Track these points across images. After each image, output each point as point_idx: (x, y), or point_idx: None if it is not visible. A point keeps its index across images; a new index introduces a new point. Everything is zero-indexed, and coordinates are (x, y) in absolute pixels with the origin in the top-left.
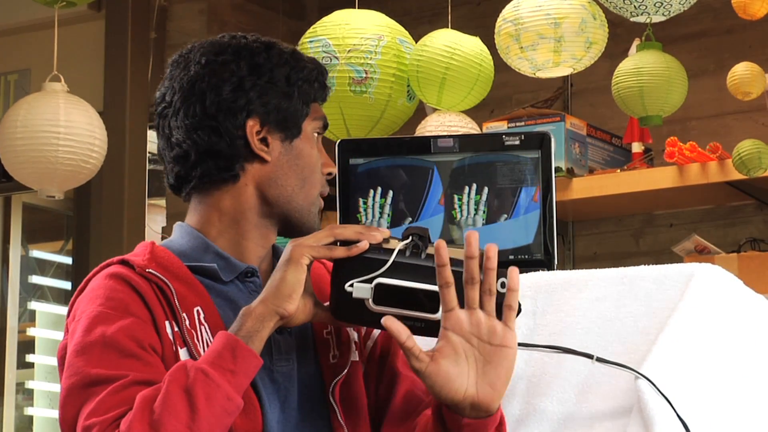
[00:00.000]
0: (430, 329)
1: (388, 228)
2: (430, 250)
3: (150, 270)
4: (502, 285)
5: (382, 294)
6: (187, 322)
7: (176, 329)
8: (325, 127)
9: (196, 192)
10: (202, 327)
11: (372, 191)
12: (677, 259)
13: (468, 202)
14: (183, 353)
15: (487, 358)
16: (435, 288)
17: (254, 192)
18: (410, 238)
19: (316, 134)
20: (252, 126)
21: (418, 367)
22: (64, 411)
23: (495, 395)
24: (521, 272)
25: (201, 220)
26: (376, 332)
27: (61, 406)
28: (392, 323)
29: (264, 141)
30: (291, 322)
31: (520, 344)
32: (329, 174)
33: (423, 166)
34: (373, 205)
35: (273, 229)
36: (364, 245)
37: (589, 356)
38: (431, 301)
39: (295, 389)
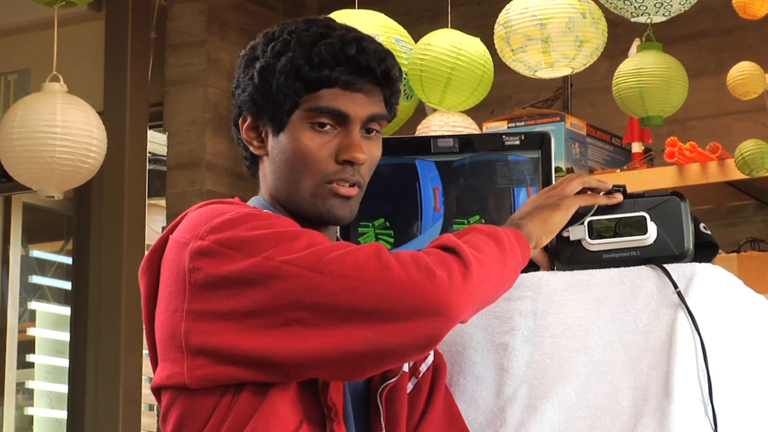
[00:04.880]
0: (644, 254)
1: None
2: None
3: None
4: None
5: (594, 232)
6: None
7: None
8: (334, 114)
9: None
10: None
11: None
12: None
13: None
14: None
15: None
16: (641, 214)
17: (266, 187)
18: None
19: (315, 125)
20: (242, 122)
21: None
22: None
23: None
24: (521, 272)
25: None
26: (431, 357)
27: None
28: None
29: (260, 137)
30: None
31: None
32: (349, 162)
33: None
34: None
35: (304, 223)
36: (619, 196)
37: None
38: (639, 226)
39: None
